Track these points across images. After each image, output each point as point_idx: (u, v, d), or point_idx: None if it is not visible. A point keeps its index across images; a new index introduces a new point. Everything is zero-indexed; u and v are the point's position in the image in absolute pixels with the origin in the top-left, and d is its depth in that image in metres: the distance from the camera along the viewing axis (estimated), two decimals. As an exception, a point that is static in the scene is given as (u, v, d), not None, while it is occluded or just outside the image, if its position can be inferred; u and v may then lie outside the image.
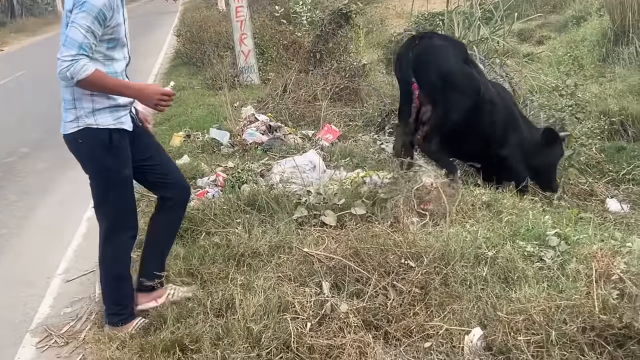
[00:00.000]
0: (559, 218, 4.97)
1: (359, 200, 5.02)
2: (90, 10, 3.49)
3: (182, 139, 8.15)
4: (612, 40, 13.99)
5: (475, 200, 5.04)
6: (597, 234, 4.36)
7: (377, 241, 4.14)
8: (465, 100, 5.51)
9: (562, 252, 4.04)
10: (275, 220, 4.91)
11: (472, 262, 4.00)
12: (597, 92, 11.46)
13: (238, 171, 6.12)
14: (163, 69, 16.30)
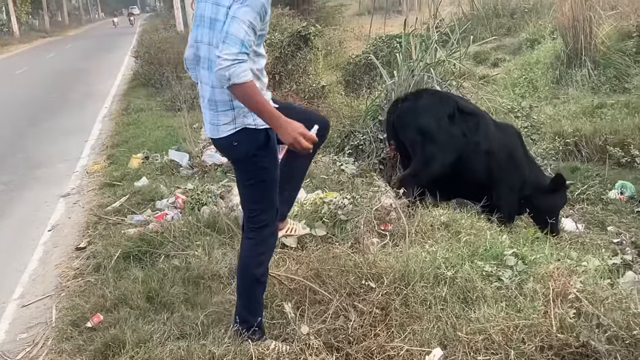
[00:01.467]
0: (516, 238, 5.04)
1: (319, 221, 5.04)
2: (254, 5, 3.28)
3: (140, 161, 8.10)
4: (565, 63, 14.27)
5: (434, 220, 5.08)
6: (553, 254, 4.42)
7: (337, 262, 4.15)
8: (446, 156, 5.79)
9: (520, 272, 4.08)
10: (235, 242, 4.88)
11: (431, 283, 4.03)
12: (551, 113, 11.68)
13: (198, 193, 6.07)
14: (121, 91, 16.17)
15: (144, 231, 5.33)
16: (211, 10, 3.45)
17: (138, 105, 12.74)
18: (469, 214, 5.45)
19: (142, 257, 4.98)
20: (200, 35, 3.55)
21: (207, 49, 3.50)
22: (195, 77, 3.74)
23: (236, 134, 3.54)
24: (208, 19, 3.47)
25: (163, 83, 13.86)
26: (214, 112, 3.55)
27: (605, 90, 13.02)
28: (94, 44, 35.38)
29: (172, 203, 6.22)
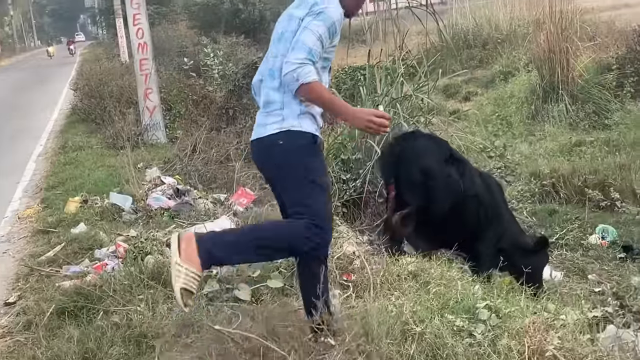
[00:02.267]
0: (490, 288, 5.06)
1: (275, 271, 5.01)
2: (326, 20, 3.79)
3: (78, 205, 7.98)
4: (541, 97, 14.52)
5: (401, 270, 5.09)
6: (529, 306, 4.44)
7: (296, 317, 4.13)
8: (445, 198, 5.91)
9: (494, 326, 4.09)
10: (183, 296, 4.84)
11: (398, 339, 4.01)
12: (527, 152, 11.85)
13: (141, 241, 5.98)
14: (58, 126, 16.05)
15: (81, 284, 5.23)
16: (283, 25, 3.98)
17: (77, 143, 12.63)
18: (439, 262, 5.46)
19: (79, 314, 4.88)
20: (269, 53, 4.03)
21: (273, 61, 3.95)
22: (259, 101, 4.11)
23: (281, 133, 3.86)
24: (278, 34, 3.98)
25: (105, 118, 13.72)
26: (263, 113, 3.97)
27: (584, 127, 13.26)
28: (29, 75, 35.17)
29: (113, 252, 6.14)
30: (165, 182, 8.08)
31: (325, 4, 3.83)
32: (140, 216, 7.40)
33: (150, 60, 12.36)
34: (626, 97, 13.54)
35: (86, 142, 12.67)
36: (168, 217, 7.24)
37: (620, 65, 14.67)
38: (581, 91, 14.28)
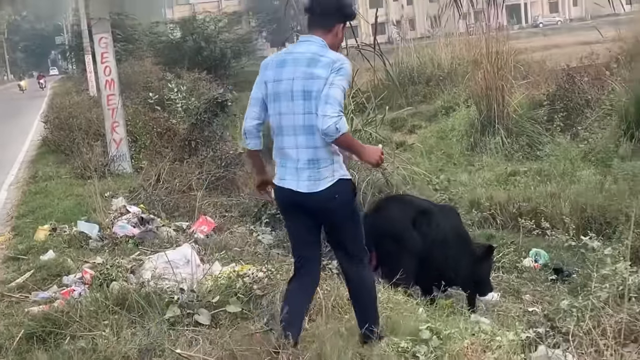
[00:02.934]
0: (433, 310, 5.10)
1: (234, 297, 4.99)
2: (347, 75, 4.14)
3: (47, 233, 7.84)
4: (479, 130, 14.75)
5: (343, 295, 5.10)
6: (467, 328, 4.48)
7: (253, 340, 4.11)
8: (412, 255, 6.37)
9: (435, 348, 4.12)
10: (146, 321, 4.76)
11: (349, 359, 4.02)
12: (466, 181, 11.98)
13: (107, 267, 5.88)
14: (29, 157, 15.79)
15: (49, 310, 5.13)
16: (303, 84, 4.11)
17: (47, 173, 12.44)
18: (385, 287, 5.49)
19: (47, 338, 4.77)
20: (284, 107, 4.19)
21: (302, 117, 4.13)
22: (254, 144, 4.39)
23: (334, 185, 4.18)
24: (300, 92, 4.12)
25: (73, 150, 13.51)
26: (315, 169, 4.17)
27: (518, 158, 13.50)
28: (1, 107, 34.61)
29: (80, 279, 6.04)
30: (130, 210, 8.00)
31: (341, 60, 4.13)
32: (107, 243, 7.29)
33: (117, 96, 12.29)
34: (556, 130, 13.81)
35: (56, 172, 12.46)
36: (133, 244, 7.15)
37: (551, 102, 14.98)
38: (515, 125, 14.54)
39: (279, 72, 4.25)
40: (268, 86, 4.27)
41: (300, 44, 4.33)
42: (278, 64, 4.29)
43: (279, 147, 4.29)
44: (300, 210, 4.30)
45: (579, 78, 15.53)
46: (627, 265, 4.39)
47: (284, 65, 4.25)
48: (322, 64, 4.11)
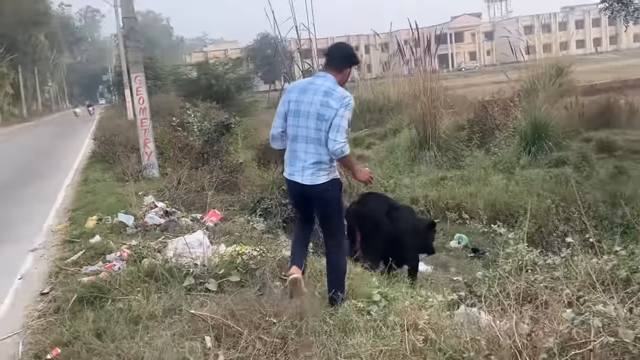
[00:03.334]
0: (382, 279, 5.10)
1: (235, 270, 4.95)
2: (351, 109, 4.33)
3: (95, 222, 7.75)
4: (418, 146, 14.79)
5: (322, 267, 5.09)
6: (408, 292, 4.49)
7: (248, 303, 4.08)
8: (383, 235, 6.51)
9: (384, 307, 4.12)
10: (169, 288, 4.73)
11: (320, 317, 4.01)
12: (408, 183, 12.01)
13: (139, 248, 5.84)
14: (82, 165, 15.56)
15: (96, 280, 5.07)
16: (319, 109, 4.30)
17: (95, 177, 12.28)
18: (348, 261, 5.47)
19: (94, 301, 4.71)
20: (301, 122, 4.38)
21: (314, 132, 4.32)
22: (278, 146, 4.63)
23: (329, 182, 4.43)
24: (315, 114, 4.31)
25: (115, 160, 13.39)
26: (316, 169, 4.39)
27: (446, 167, 13.55)
28: (61, 128, 34.14)
29: (119, 256, 5.95)
30: (158, 205, 7.91)
31: (349, 97, 4.33)
32: (140, 230, 7.20)
33: (148, 120, 12.18)
34: (474, 146, 13.88)
35: (102, 177, 12.31)
36: (159, 231, 7.06)
37: (470, 126, 15.05)
38: (444, 143, 14.60)
39: (301, 95, 4.42)
40: (290, 105, 4.46)
41: (319, 78, 4.49)
42: (301, 89, 4.47)
43: (292, 150, 4.48)
44: (303, 197, 4.56)
45: (490, 108, 15.61)
46: (524, 246, 4.42)
47: (306, 91, 4.42)
48: (334, 97, 4.29)
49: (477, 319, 3.46)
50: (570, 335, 2.70)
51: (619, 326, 2.60)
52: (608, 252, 4.09)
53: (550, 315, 3.03)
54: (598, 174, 11.35)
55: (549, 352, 2.65)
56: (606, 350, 2.61)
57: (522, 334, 2.82)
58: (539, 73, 18.12)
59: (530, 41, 21.49)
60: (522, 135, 13.57)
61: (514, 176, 11.54)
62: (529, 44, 20.49)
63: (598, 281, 3.43)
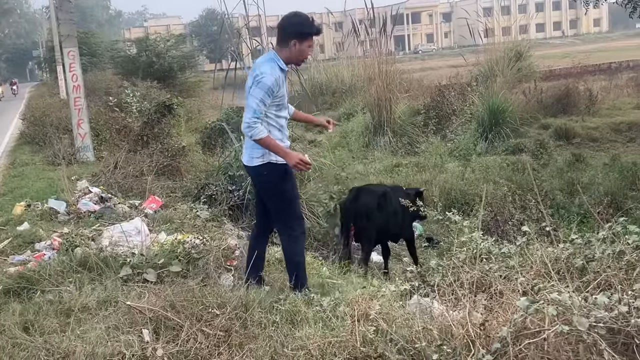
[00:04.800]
0: (334, 269, 5.13)
1: (176, 259, 4.89)
2: (262, 87, 4.14)
3: (23, 208, 7.52)
4: (372, 132, 14.89)
5: (270, 257, 5.08)
6: (360, 282, 4.53)
7: (190, 294, 4.03)
8: (375, 227, 6.98)
9: (336, 298, 4.14)
10: (104, 279, 4.63)
11: (267, 309, 4.00)
12: (362, 170, 12.09)
13: (72, 236, 5.70)
14: (9, 147, 15.08)
15: (23, 270, 4.92)
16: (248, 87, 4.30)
17: (23, 160, 11.94)
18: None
19: (21, 293, 4.57)
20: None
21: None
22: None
23: (263, 166, 4.35)
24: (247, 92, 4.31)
25: (46, 142, 13.04)
26: (250, 149, 4.39)
27: (402, 153, 13.70)
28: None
29: (49, 245, 5.81)
30: (92, 191, 7.73)
31: (263, 74, 4.17)
32: (72, 217, 7.04)
33: (82, 98, 11.89)
34: (430, 132, 14.07)
35: (31, 160, 11.97)
36: (94, 218, 6.92)
37: (426, 111, 15.25)
38: (399, 128, 14.74)
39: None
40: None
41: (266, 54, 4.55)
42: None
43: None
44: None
45: (447, 93, 15.88)
46: (480, 234, 4.50)
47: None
48: (252, 74, 4.28)
49: (430, 309, 3.52)
50: (524, 324, 2.77)
51: (573, 314, 2.68)
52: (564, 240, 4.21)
53: (504, 304, 3.10)
54: (556, 161, 11.67)
55: (502, 341, 2.71)
56: (560, 339, 2.69)
57: (475, 324, 2.88)
58: (498, 57, 18.48)
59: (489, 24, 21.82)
60: (479, 121, 13.84)
61: (470, 163, 11.77)
62: (487, 26, 20.82)
63: (554, 270, 3.53)
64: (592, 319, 2.67)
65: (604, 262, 3.67)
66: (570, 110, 15.62)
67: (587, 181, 10.05)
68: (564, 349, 2.65)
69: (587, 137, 13.78)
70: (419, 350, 2.93)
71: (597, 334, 2.62)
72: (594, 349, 2.61)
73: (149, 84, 21.44)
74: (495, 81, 15.62)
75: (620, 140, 13.76)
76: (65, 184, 8.11)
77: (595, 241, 3.97)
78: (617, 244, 3.77)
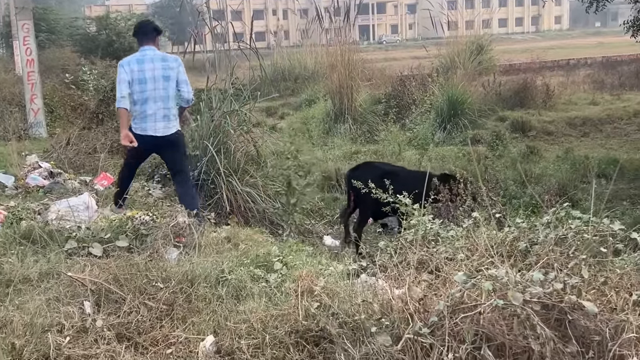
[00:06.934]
0: (284, 248, 5.12)
1: (123, 235, 4.82)
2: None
3: (-32, 182, 7.32)
4: (333, 119, 14.91)
5: (218, 235, 5.06)
6: (309, 260, 4.54)
7: (135, 268, 3.99)
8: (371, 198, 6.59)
9: (283, 275, 4.15)
10: (47, 252, 4.54)
11: (212, 284, 3.98)
12: (321, 156, 12.10)
13: (18, 210, 5.58)
14: (-43, 121, 14.62)
15: (-35, 242, 4.79)
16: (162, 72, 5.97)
17: (-29, 136, 11.59)
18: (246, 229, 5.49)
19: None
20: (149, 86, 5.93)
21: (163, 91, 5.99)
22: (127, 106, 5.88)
23: (178, 131, 6.14)
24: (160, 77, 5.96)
25: (-4, 116, 12.70)
26: (167, 121, 6.01)
27: (361, 141, 13.75)
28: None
29: (-5, 218, 5.67)
30: (42, 166, 7.57)
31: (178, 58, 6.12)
32: (20, 192, 6.89)
33: (36, 73, 11.61)
34: (390, 121, 14.14)
35: (-20, 135, 11.62)
36: (42, 193, 6.79)
37: (387, 100, 15.36)
38: (360, 116, 14.81)
39: (140, 66, 5.85)
40: (134, 74, 5.81)
41: (147, 50, 5.99)
42: (138, 61, 5.90)
43: (143, 110, 5.93)
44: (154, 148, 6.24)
45: (408, 83, 15.99)
46: (429, 218, 4.56)
47: (143, 62, 5.89)
48: (170, 60, 5.99)
49: (374, 286, 3.55)
50: (461, 298, 2.82)
51: (509, 289, 2.74)
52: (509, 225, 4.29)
53: (444, 280, 3.15)
54: (510, 153, 11.88)
55: (439, 314, 2.76)
56: (496, 313, 2.75)
57: (415, 298, 2.93)
58: (459, 49, 18.69)
59: (453, 16, 22.03)
60: (438, 111, 13.99)
61: (428, 152, 11.89)
62: (450, 19, 21.01)
63: (498, 253, 3.60)
64: (527, 294, 2.73)
65: (546, 245, 3.75)
66: (527, 103, 15.91)
67: (540, 172, 10.25)
68: (498, 323, 2.71)
69: (543, 131, 14.06)
70: (358, 323, 2.96)
71: (531, 309, 2.69)
72: (527, 324, 2.68)
73: (107, 63, 21.03)
74: (455, 73, 15.78)
75: (574, 134, 14.09)
76: (14, 158, 7.92)
77: (540, 225, 4.05)
78: (560, 229, 3.85)
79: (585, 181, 9.78)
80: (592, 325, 2.70)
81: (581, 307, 2.70)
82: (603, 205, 4.52)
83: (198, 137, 8.22)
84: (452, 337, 2.71)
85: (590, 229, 3.30)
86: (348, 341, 2.93)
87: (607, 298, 2.89)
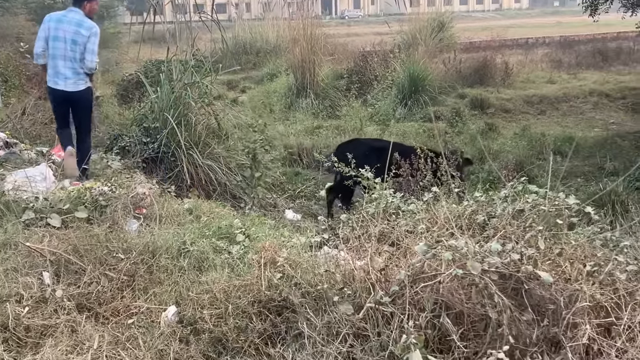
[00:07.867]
0: (246, 221, 5.12)
1: (82, 206, 4.74)
2: (98, 35, 6.48)
3: None
4: (295, 93, 14.84)
5: (179, 207, 5.02)
6: (271, 233, 4.55)
7: (95, 239, 3.94)
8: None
9: (245, 246, 4.15)
10: (4, 223, 4.44)
11: (174, 255, 3.96)
12: (283, 131, 12.06)
13: (-29, 179, 5.44)
14: None
15: None
16: (72, 36, 6.40)
17: None
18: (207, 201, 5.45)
19: None
20: (59, 45, 6.41)
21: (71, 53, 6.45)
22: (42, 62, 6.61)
23: (86, 89, 6.59)
24: (70, 40, 6.39)
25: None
26: (76, 79, 6.47)
27: (323, 116, 13.74)
28: None
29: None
30: (-3, 136, 7.37)
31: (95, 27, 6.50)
32: (-23, 163, 6.69)
33: (-10, 41, 11.22)
34: (352, 97, 14.15)
35: None
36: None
37: (349, 75, 15.32)
38: (322, 91, 14.76)
39: (58, 24, 6.33)
40: (50, 31, 6.35)
41: (71, 12, 6.43)
42: (57, 20, 6.37)
43: (54, 65, 6.41)
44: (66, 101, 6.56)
45: (370, 59, 15.97)
46: (390, 192, 4.61)
47: (62, 22, 6.35)
48: (84, 27, 6.36)
49: (335, 257, 3.58)
50: (422, 268, 2.87)
51: (468, 259, 2.80)
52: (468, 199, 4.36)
53: (405, 251, 3.20)
54: (469, 129, 12.03)
55: (400, 284, 2.81)
56: (455, 282, 2.81)
57: (376, 268, 2.97)
58: (421, 26, 18.73)
59: (415, -7, 22.07)
60: (399, 88, 14.04)
61: (389, 128, 11.96)
62: (413, -5, 21.02)
63: (457, 226, 3.66)
64: (485, 264, 2.80)
65: (504, 218, 3.83)
66: (486, 81, 16.08)
67: (498, 149, 10.43)
68: (457, 292, 2.77)
69: (501, 108, 14.26)
70: (321, 293, 2.99)
71: (489, 278, 2.75)
72: (485, 293, 2.74)
73: (64, 32, 20.44)
74: (417, 50, 15.84)
75: (531, 112, 14.33)
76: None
77: (497, 199, 4.13)
78: (517, 203, 3.93)
79: (541, 158, 9.99)
80: (548, 294, 2.78)
81: (537, 277, 2.78)
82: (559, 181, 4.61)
83: (158, 109, 8.09)
84: (412, 306, 2.76)
85: (547, 202, 3.38)
86: (310, 310, 2.96)
87: (562, 269, 2.98)
